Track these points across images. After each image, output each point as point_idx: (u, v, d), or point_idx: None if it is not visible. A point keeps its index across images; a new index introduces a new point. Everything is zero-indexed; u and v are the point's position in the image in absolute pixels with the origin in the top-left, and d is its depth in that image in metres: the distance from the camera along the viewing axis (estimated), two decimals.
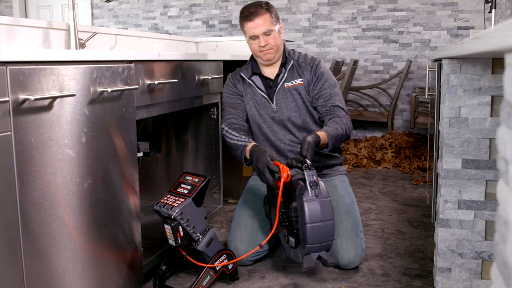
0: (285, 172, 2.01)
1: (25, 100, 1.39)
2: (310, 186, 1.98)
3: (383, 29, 5.56)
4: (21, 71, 1.38)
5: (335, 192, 2.45)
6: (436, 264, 2.10)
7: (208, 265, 2.08)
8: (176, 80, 2.26)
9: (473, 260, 2.01)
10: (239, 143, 2.34)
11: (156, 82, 2.08)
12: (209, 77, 2.64)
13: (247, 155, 2.28)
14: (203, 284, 2.08)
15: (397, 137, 4.95)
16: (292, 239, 2.07)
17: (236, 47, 3.90)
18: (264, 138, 2.56)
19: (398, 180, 4.15)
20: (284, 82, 2.51)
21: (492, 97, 1.90)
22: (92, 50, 2.27)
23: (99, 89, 1.71)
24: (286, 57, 2.54)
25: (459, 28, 5.31)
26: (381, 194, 3.71)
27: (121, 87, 1.83)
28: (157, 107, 2.17)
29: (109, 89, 1.74)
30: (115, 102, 1.81)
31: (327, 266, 2.04)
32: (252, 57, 2.58)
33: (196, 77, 2.51)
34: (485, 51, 1.03)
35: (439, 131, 2.17)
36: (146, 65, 2.03)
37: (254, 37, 2.44)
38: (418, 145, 4.82)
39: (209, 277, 2.10)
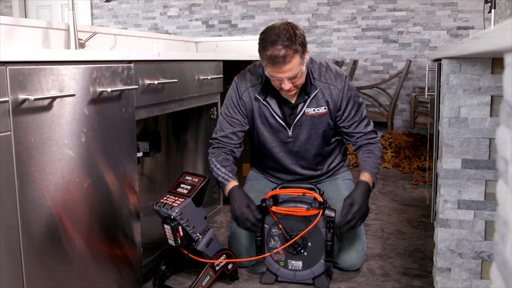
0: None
1: (24, 100, 1.39)
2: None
3: (383, 29, 5.56)
4: (21, 71, 1.38)
5: (338, 192, 2.41)
6: (435, 264, 2.10)
7: (211, 261, 2.08)
8: (176, 80, 2.26)
9: (473, 260, 2.01)
10: (222, 179, 2.23)
11: (156, 82, 2.08)
12: (209, 77, 2.64)
13: (226, 193, 2.22)
14: (203, 284, 2.08)
15: (396, 137, 4.95)
16: (298, 262, 2.17)
17: (236, 47, 3.90)
18: (271, 158, 2.39)
19: (398, 180, 4.15)
20: (305, 108, 2.24)
21: (492, 97, 1.90)
22: (91, 50, 2.27)
23: (99, 89, 1.71)
24: (311, 84, 2.23)
25: (459, 28, 5.31)
26: (380, 194, 3.71)
27: (120, 87, 1.83)
28: (157, 107, 2.17)
29: (109, 89, 1.74)
30: (114, 102, 1.81)
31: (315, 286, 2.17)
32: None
33: (196, 77, 2.51)
34: (485, 51, 1.03)
35: (438, 131, 2.17)
36: (145, 65, 2.03)
37: (277, 79, 2.09)
38: (417, 145, 4.82)
39: (208, 277, 2.10)
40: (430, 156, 3.30)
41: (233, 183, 2.20)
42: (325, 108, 2.25)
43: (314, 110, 2.25)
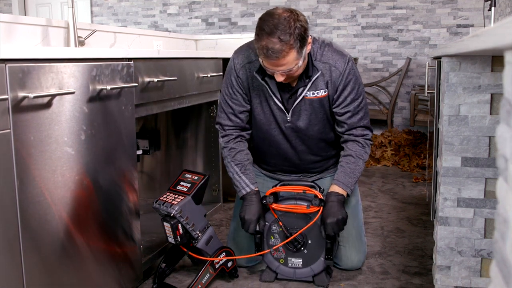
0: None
1: (24, 98, 1.38)
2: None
3: (383, 27, 5.55)
4: (20, 68, 1.38)
5: None
6: (435, 262, 2.10)
7: (211, 258, 2.08)
8: (176, 78, 2.26)
9: (472, 258, 2.01)
10: (239, 185, 2.19)
11: (156, 80, 2.08)
12: (209, 75, 2.63)
13: (241, 195, 2.19)
14: (203, 281, 2.08)
15: (396, 135, 4.95)
16: (298, 260, 2.18)
17: (235, 45, 3.89)
18: (269, 144, 2.27)
19: (398, 178, 4.15)
20: (305, 91, 2.11)
21: (492, 95, 1.90)
22: (91, 48, 2.27)
23: (98, 87, 1.70)
24: (313, 67, 2.08)
25: (459, 26, 5.31)
26: (380, 192, 3.71)
27: (120, 84, 1.83)
28: (157, 105, 2.17)
29: (108, 87, 1.74)
30: (114, 100, 1.81)
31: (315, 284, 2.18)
32: None
33: (196, 75, 2.51)
34: (485, 48, 1.03)
35: (438, 129, 2.17)
36: (145, 63, 2.03)
37: (269, 70, 1.97)
38: (417, 143, 4.82)
39: (208, 274, 2.10)
40: (429, 154, 3.30)
41: (252, 191, 2.16)
42: (325, 91, 2.11)
43: (313, 94, 2.11)
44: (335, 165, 2.31)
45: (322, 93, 2.11)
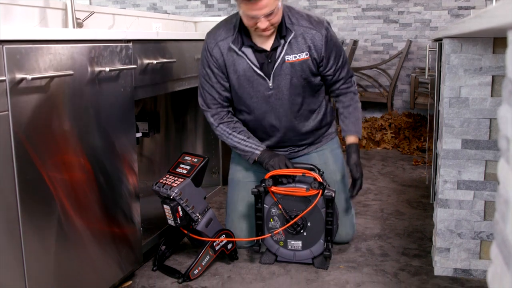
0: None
1: (22, 80, 1.37)
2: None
3: (383, 9, 5.51)
4: (18, 50, 1.36)
5: (326, 167, 2.34)
6: (434, 244, 2.11)
7: (211, 239, 2.09)
8: (175, 60, 2.25)
9: (472, 240, 2.02)
10: (251, 149, 2.23)
11: (155, 61, 2.07)
12: None
13: (256, 159, 2.24)
14: (203, 263, 2.09)
15: (396, 118, 4.94)
16: (298, 242, 2.19)
17: None
18: (254, 119, 2.27)
19: (397, 161, 4.15)
20: (284, 55, 2.12)
21: (493, 77, 1.89)
22: (89, 29, 2.26)
23: (97, 69, 1.69)
24: (286, 28, 2.11)
25: (460, 8, 5.27)
26: (380, 174, 3.71)
27: (119, 66, 1.81)
28: (156, 87, 2.16)
29: (107, 69, 1.73)
30: (113, 82, 1.80)
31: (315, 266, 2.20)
32: (240, 22, 2.12)
33: (195, 57, 2.49)
34: (487, 28, 1.02)
35: (439, 111, 2.17)
36: (144, 44, 2.01)
37: (252, 16, 1.99)
38: (417, 126, 4.81)
39: (208, 256, 2.10)
40: (429, 137, 3.30)
41: (265, 149, 2.25)
42: (306, 54, 2.14)
43: (295, 57, 2.13)
44: (321, 141, 2.41)
45: (304, 56, 2.14)
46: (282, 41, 2.12)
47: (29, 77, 1.38)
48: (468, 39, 1.88)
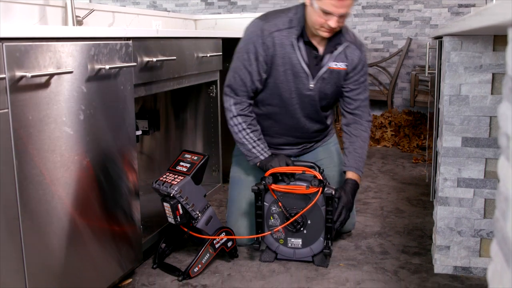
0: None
1: (22, 77, 1.37)
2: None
3: (384, 6, 5.51)
4: (18, 47, 1.36)
5: (331, 160, 2.47)
6: (434, 242, 2.11)
7: (211, 237, 2.09)
8: (175, 58, 2.25)
9: (472, 238, 2.02)
10: (257, 153, 2.25)
11: (154, 59, 2.07)
12: (208, 55, 2.62)
13: (258, 164, 2.26)
14: (203, 261, 2.09)
15: (396, 116, 4.94)
16: (298, 240, 2.19)
17: (235, 24, 3.86)
18: (283, 113, 2.30)
19: (397, 159, 4.15)
20: (331, 61, 2.23)
21: (493, 74, 1.89)
22: (89, 27, 2.25)
23: (97, 66, 1.69)
24: (342, 36, 2.22)
25: (460, 5, 5.26)
26: (380, 172, 3.71)
27: (119, 64, 1.81)
28: (156, 85, 2.16)
29: (107, 66, 1.73)
30: (113, 80, 1.79)
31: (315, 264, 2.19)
32: (302, 18, 2.17)
33: (195, 55, 2.49)
34: (488, 25, 1.02)
35: (439, 109, 2.17)
36: (144, 42, 2.01)
37: (327, 13, 2.03)
38: (417, 124, 4.81)
39: (208, 254, 2.10)
40: (429, 135, 3.29)
41: (267, 155, 2.25)
42: (346, 65, 2.25)
43: (336, 65, 2.23)
44: (325, 137, 2.51)
45: (343, 66, 2.25)
46: (335, 49, 2.22)
47: (29, 74, 1.38)
48: (468, 36, 1.88)
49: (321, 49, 2.21)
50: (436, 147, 2.49)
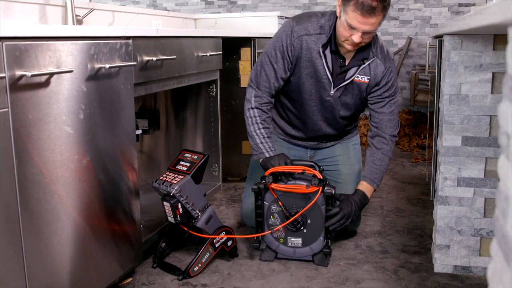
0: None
1: (21, 77, 1.37)
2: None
3: None
4: (17, 46, 1.36)
5: (347, 158, 2.51)
6: (434, 241, 2.11)
7: (211, 236, 2.09)
8: (175, 57, 2.24)
9: (472, 237, 2.02)
10: (263, 149, 2.25)
11: (154, 58, 2.07)
12: (208, 54, 2.61)
13: (260, 161, 2.26)
14: (203, 260, 2.09)
15: None
16: (298, 239, 2.19)
17: (235, 24, 3.87)
18: (301, 111, 2.37)
19: (397, 158, 4.15)
20: (356, 73, 2.26)
21: (493, 73, 1.89)
22: (89, 26, 2.25)
23: (97, 66, 1.69)
24: (370, 51, 2.25)
25: (460, 5, 5.26)
26: None
27: (119, 63, 1.81)
28: (156, 84, 2.16)
29: (107, 66, 1.73)
30: (113, 79, 1.79)
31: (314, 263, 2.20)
32: (333, 26, 2.21)
33: (195, 54, 2.49)
34: (488, 25, 1.02)
35: (439, 108, 2.17)
36: (144, 41, 2.01)
37: (352, 27, 2.07)
38: (417, 123, 4.81)
39: (208, 253, 2.10)
40: (429, 134, 3.29)
41: (272, 154, 2.24)
42: (368, 79, 2.26)
43: (358, 78, 2.26)
44: (346, 136, 2.54)
45: (365, 79, 2.26)
46: (362, 62, 2.24)
47: (28, 74, 1.38)
48: (468, 36, 1.88)
49: (348, 60, 2.25)
50: (436, 146, 2.49)
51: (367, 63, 2.24)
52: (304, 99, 2.32)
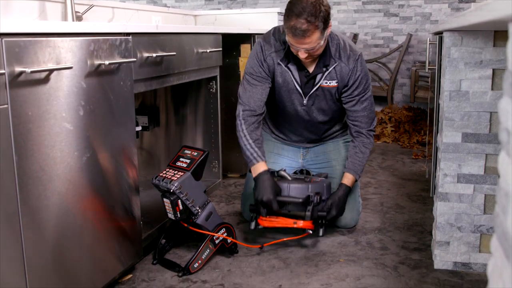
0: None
1: (21, 73, 1.37)
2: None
3: (384, 2, 5.50)
4: (17, 43, 1.36)
5: (339, 155, 2.61)
6: (434, 238, 2.11)
7: (211, 233, 2.10)
8: (175, 53, 2.24)
9: (472, 234, 2.02)
10: (251, 156, 2.32)
11: (154, 55, 2.06)
12: (208, 50, 2.61)
13: (252, 172, 2.33)
14: (203, 257, 2.09)
15: (396, 112, 4.94)
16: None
17: (235, 20, 3.86)
18: (284, 119, 2.56)
19: (397, 155, 4.15)
20: (322, 80, 2.35)
21: (493, 70, 1.89)
22: (89, 22, 2.25)
23: (96, 62, 1.69)
24: (330, 58, 2.31)
25: (460, 1, 5.25)
26: (380, 168, 3.71)
27: (118, 60, 1.81)
28: (156, 81, 2.15)
29: (107, 62, 1.72)
30: (112, 75, 1.79)
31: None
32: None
33: (195, 50, 2.49)
34: (488, 21, 1.02)
35: (439, 105, 2.16)
36: (144, 37, 2.01)
37: (295, 47, 2.17)
38: (417, 120, 4.81)
39: (208, 250, 2.11)
40: (429, 131, 3.29)
41: (262, 165, 2.30)
42: (336, 82, 2.35)
43: (326, 83, 2.35)
44: (336, 135, 2.67)
45: (333, 83, 2.36)
46: (324, 69, 2.33)
47: (28, 70, 1.38)
48: (468, 32, 1.88)
49: (311, 68, 2.35)
50: (436, 142, 2.49)
51: (331, 68, 2.32)
52: (283, 109, 2.48)
